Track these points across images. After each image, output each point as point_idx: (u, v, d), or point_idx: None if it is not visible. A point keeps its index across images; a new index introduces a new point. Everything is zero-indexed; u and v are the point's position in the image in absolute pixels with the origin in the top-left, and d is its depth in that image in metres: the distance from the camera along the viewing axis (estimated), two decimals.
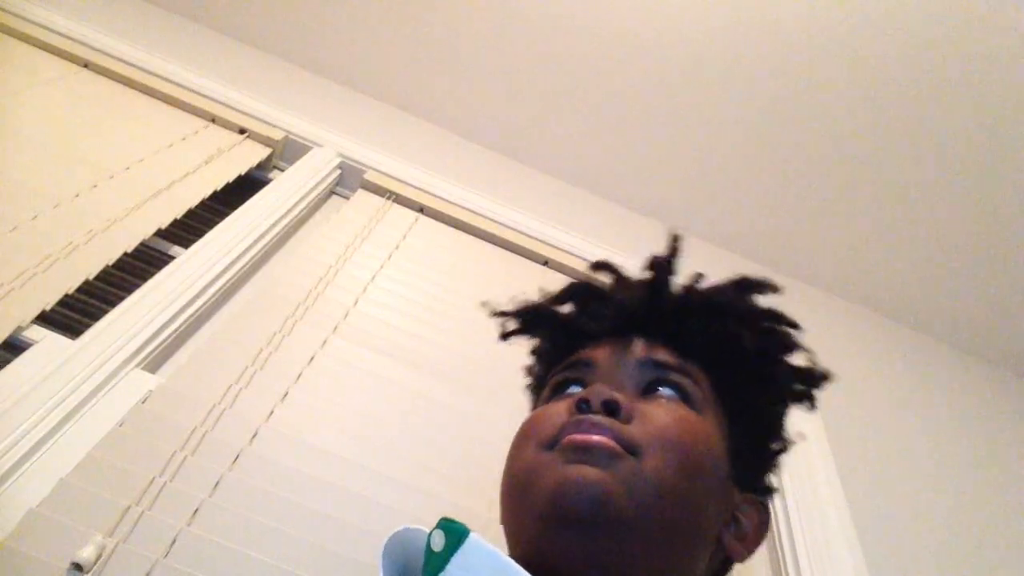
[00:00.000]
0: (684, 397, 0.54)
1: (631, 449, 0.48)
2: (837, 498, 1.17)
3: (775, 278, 0.62)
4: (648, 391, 0.55)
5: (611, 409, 0.50)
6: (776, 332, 0.60)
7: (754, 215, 1.75)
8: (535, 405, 0.65)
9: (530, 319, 0.65)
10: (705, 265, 0.63)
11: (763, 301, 0.62)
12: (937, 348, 1.80)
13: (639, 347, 0.57)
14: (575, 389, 0.57)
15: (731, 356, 0.58)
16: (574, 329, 0.62)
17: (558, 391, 0.58)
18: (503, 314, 0.68)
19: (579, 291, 0.64)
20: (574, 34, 1.59)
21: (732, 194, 1.73)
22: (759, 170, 1.68)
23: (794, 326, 0.61)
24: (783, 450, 0.62)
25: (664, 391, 0.55)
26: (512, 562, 0.41)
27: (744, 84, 1.57)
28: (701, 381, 0.56)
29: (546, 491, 0.46)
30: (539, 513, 0.46)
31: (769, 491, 0.61)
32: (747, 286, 0.62)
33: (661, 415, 0.51)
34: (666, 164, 1.73)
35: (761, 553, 1.10)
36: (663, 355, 0.56)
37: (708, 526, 0.51)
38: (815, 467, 1.21)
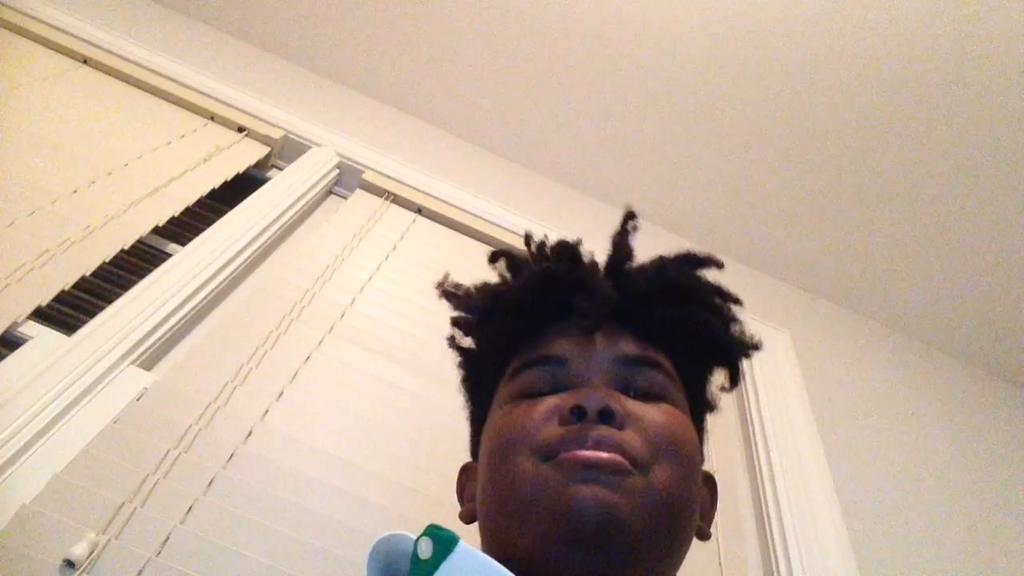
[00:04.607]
0: (661, 393, 0.53)
1: (638, 463, 0.47)
2: (831, 500, 1.17)
3: (772, 281, 0.62)
4: (623, 387, 0.53)
5: (607, 417, 0.48)
6: (724, 308, 0.60)
7: (752, 220, 1.75)
8: (483, 396, 0.61)
9: (493, 307, 0.61)
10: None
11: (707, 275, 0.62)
12: (930, 354, 1.81)
13: (609, 340, 0.55)
14: (556, 395, 0.53)
15: (695, 340, 0.58)
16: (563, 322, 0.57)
17: (526, 391, 0.54)
18: (456, 297, 0.65)
19: (543, 279, 0.60)
20: (575, 35, 1.60)
21: (729, 198, 1.73)
22: (757, 174, 1.68)
23: (738, 302, 0.61)
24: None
25: (642, 386, 0.53)
26: (502, 568, 0.41)
27: (745, 87, 1.57)
28: (668, 369, 0.55)
29: (554, 511, 0.45)
30: (545, 532, 0.45)
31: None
32: (696, 262, 0.61)
33: (654, 419, 0.50)
34: (666, 168, 1.73)
35: (753, 553, 1.10)
36: (634, 348, 0.54)
37: (696, 516, 0.52)
38: (808, 469, 1.21)
